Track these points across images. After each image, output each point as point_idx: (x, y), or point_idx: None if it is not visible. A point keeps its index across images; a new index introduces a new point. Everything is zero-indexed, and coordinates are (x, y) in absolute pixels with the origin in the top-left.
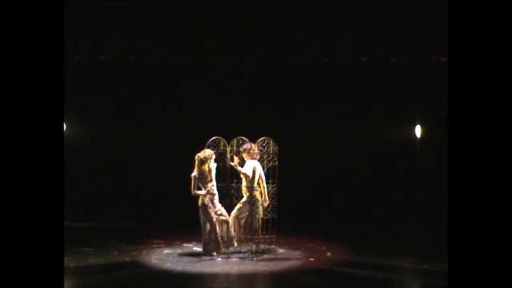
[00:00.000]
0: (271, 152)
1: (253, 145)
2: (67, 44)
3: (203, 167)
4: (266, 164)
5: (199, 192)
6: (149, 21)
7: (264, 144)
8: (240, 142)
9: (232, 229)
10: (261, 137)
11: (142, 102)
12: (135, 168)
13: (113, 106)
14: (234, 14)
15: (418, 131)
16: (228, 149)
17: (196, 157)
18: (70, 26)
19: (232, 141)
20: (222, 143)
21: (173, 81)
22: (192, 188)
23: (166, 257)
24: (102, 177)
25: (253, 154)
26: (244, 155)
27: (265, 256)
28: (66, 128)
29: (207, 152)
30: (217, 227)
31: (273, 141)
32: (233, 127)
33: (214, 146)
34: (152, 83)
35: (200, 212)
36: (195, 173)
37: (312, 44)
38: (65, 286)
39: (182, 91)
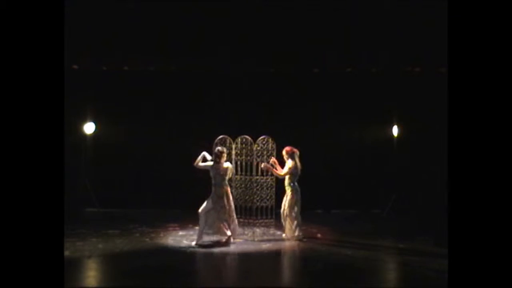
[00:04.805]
0: (270, 148)
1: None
2: (94, 56)
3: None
4: (266, 159)
5: None
6: (159, 32)
7: (264, 142)
8: (244, 140)
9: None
10: (261, 135)
11: (162, 105)
12: (154, 161)
13: (138, 109)
14: (238, 24)
15: (395, 130)
16: (233, 146)
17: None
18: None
19: (236, 139)
20: (228, 141)
21: (191, 89)
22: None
23: (180, 238)
24: (127, 169)
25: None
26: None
27: (265, 237)
28: (96, 128)
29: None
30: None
31: (271, 139)
32: (237, 127)
33: (221, 144)
34: (169, 91)
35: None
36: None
37: (305, 56)
38: (94, 263)
39: (193, 97)
